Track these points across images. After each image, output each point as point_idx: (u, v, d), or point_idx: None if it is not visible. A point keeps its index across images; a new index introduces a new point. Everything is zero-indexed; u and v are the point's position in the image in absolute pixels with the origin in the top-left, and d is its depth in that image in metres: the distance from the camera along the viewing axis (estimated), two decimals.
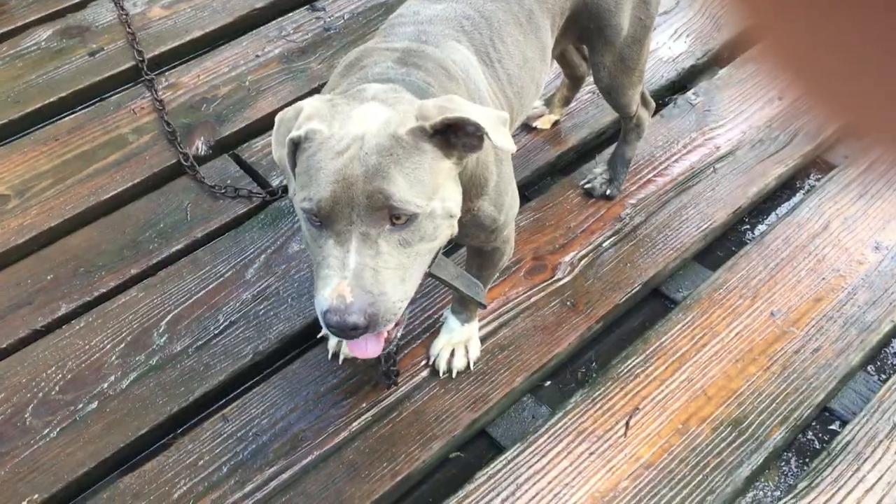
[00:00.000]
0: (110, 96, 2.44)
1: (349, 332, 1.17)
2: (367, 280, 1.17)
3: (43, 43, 2.59)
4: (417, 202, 1.18)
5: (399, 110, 1.21)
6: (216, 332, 1.88)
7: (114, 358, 1.83)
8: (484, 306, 1.64)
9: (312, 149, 1.20)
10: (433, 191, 1.21)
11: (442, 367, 1.78)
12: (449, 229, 1.27)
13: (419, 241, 1.21)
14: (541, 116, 2.30)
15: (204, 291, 1.95)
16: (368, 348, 1.28)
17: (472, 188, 1.37)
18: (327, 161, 1.18)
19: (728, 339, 1.85)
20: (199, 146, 2.28)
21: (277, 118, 1.30)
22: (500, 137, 1.22)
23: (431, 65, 1.38)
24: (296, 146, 1.23)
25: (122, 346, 1.85)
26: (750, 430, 1.71)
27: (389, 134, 1.18)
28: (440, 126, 1.19)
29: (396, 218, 1.18)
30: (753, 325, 1.88)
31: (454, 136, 1.22)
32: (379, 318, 1.19)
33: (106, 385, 1.78)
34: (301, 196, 1.20)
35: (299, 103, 1.26)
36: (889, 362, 1.88)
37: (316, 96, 1.28)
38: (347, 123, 1.20)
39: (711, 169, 2.21)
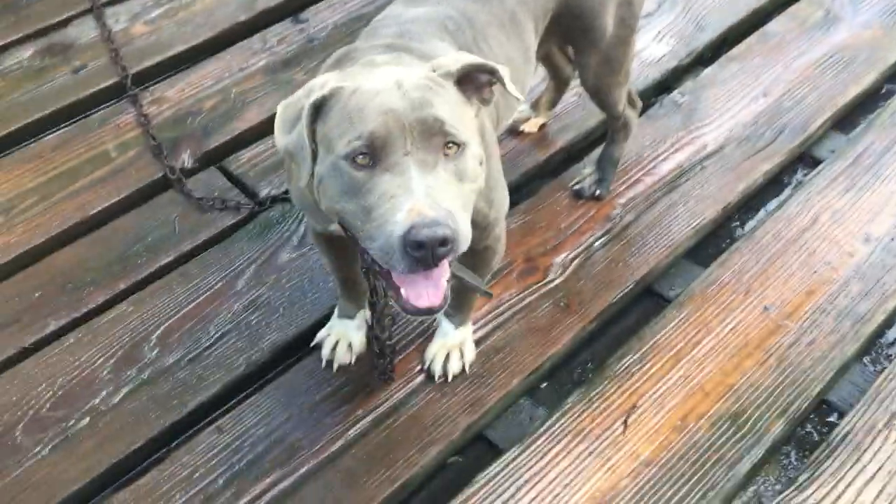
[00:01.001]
0: (94, 113, 2.42)
1: (438, 248, 1.11)
2: (440, 198, 1.14)
3: (25, 61, 2.57)
4: (465, 130, 1.21)
5: (416, 67, 1.26)
6: (208, 343, 1.86)
7: (105, 373, 1.81)
8: (490, 295, 1.62)
9: (342, 101, 1.20)
10: (469, 128, 1.24)
11: (437, 371, 1.77)
12: (480, 178, 1.26)
13: (467, 178, 1.21)
14: (528, 120, 2.30)
15: (194, 304, 1.93)
16: (430, 296, 1.22)
17: None
18: (367, 101, 1.18)
19: (723, 334, 1.85)
20: (186, 159, 2.27)
21: (281, 106, 1.28)
22: (513, 86, 1.28)
23: (418, 54, 1.39)
24: (317, 111, 1.22)
25: (114, 360, 1.83)
26: (749, 424, 1.70)
27: (422, 75, 1.22)
28: (460, 73, 1.26)
29: (448, 147, 1.18)
30: (747, 319, 1.88)
31: (469, 86, 1.28)
32: (460, 235, 1.15)
33: (98, 400, 1.76)
34: (343, 142, 1.17)
35: (306, 84, 1.26)
36: (884, 352, 1.88)
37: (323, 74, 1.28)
38: (372, 78, 1.22)
39: (699, 166, 2.22)
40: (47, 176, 2.23)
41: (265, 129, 2.36)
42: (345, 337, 1.81)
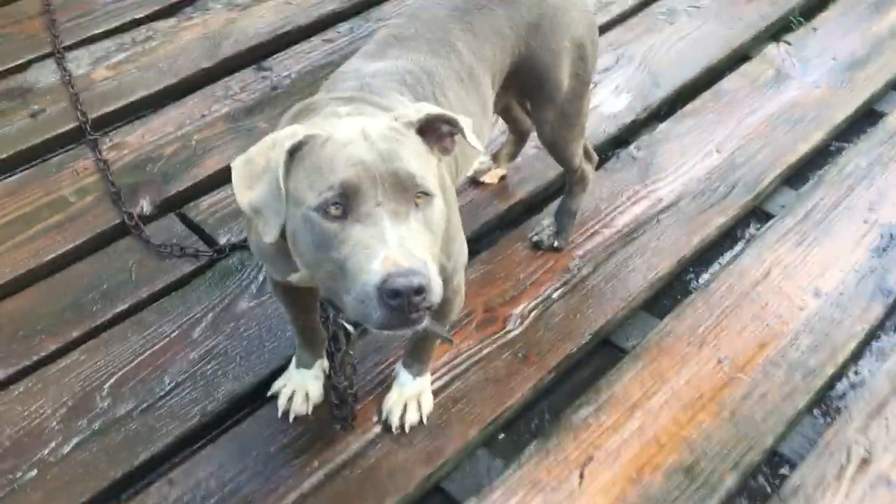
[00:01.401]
0: (52, 157, 2.40)
1: (414, 297, 1.12)
2: (413, 247, 1.16)
3: None
4: (432, 180, 1.24)
5: (379, 117, 1.29)
6: (162, 393, 1.83)
7: (55, 423, 1.77)
8: (450, 341, 1.63)
9: (315, 150, 1.21)
10: (434, 177, 1.27)
11: (395, 422, 1.76)
12: (443, 231, 1.29)
13: (434, 226, 1.23)
14: (488, 171, 2.33)
15: (149, 352, 1.91)
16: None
17: None
18: (337, 151, 1.20)
19: (678, 386, 1.87)
20: (145, 206, 2.25)
21: (239, 161, 1.25)
22: (473, 137, 1.32)
23: (378, 106, 1.41)
24: (290, 157, 1.21)
25: (64, 410, 1.79)
26: (702, 476, 1.72)
27: (386, 125, 1.25)
28: (422, 123, 1.28)
29: (418, 197, 1.21)
30: (702, 371, 1.90)
31: (430, 136, 1.31)
32: (434, 285, 1.16)
33: (46, 451, 1.72)
34: (314, 194, 1.18)
35: (266, 138, 1.26)
36: (833, 405, 1.91)
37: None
38: (339, 127, 1.24)
39: (655, 220, 2.26)
40: (1, 221, 2.20)
41: (225, 176, 2.34)
42: (302, 387, 1.79)
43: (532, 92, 1.87)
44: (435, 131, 1.32)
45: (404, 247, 1.15)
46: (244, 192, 1.23)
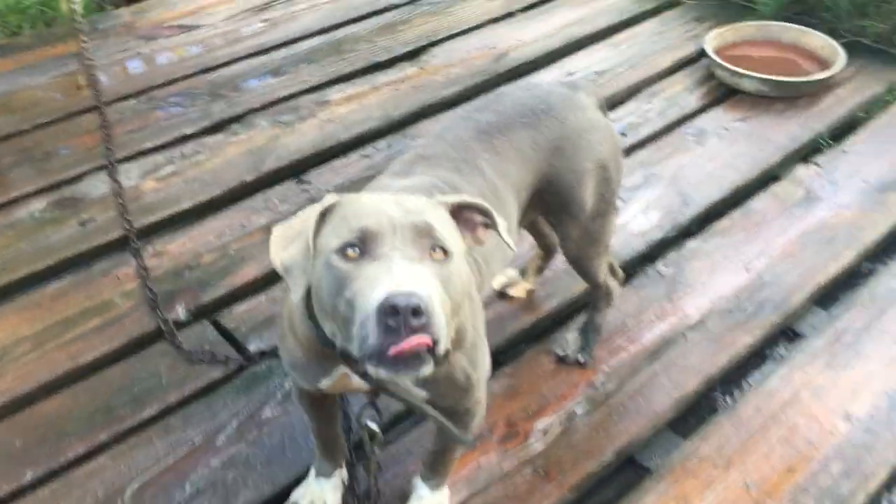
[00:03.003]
0: (96, 264, 2.51)
1: (410, 316, 1.11)
2: (418, 280, 1.15)
3: (37, 213, 2.69)
4: (453, 241, 1.27)
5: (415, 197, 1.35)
6: (182, 500, 1.84)
7: None
8: (470, 443, 1.61)
9: (344, 207, 1.28)
10: (458, 246, 1.29)
11: None
12: (461, 306, 1.30)
13: (451, 286, 1.23)
14: (515, 284, 2.36)
15: (172, 458, 1.93)
16: (414, 340, 1.15)
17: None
18: (364, 203, 1.27)
19: None
20: (180, 311, 2.32)
21: (277, 228, 1.33)
22: (506, 233, 1.36)
23: None
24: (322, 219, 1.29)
25: None
26: None
27: (418, 199, 1.31)
28: (456, 206, 1.34)
29: (434, 250, 1.23)
30: (727, 495, 1.86)
31: (462, 223, 1.35)
32: (435, 317, 1.14)
33: None
34: (337, 238, 1.23)
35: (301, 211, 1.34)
36: None
37: None
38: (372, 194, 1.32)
39: (682, 337, 2.25)
40: (44, 324, 2.28)
41: (260, 284, 2.44)
42: (320, 497, 1.79)
43: (556, 210, 1.91)
44: (468, 220, 1.37)
45: (410, 276, 1.15)
46: (278, 253, 1.29)
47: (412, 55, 3.62)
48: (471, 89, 3.34)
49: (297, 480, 1.86)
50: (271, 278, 2.45)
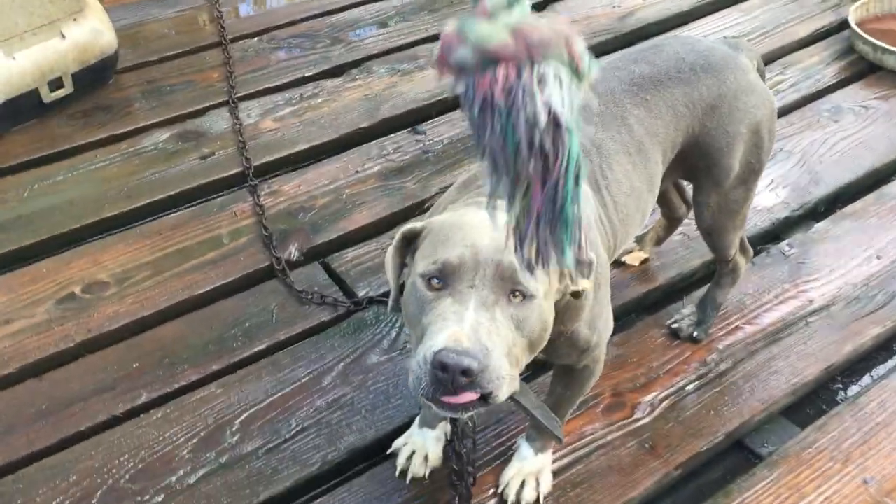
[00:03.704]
0: (215, 198, 2.56)
1: (458, 376, 1.15)
2: (483, 334, 1.19)
3: (160, 144, 2.75)
4: (537, 286, 1.24)
5: None
6: (287, 436, 1.87)
7: (185, 452, 1.84)
8: (560, 441, 1.60)
9: (437, 229, 1.31)
10: (542, 286, 1.26)
11: (511, 497, 1.73)
12: (541, 340, 1.30)
13: (525, 329, 1.24)
14: (631, 253, 2.30)
15: (280, 394, 1.96)
16: (462, 398, 1.21)
17: (568, 312, 1.39)
18: (456, 230, 1.27)
19: (817, 503, 1.75)
20: (293, 252, 2.35)
21: (401, 231, 1.39)
22: (586, 281, 1.32)
23: None
24: (408, 241, 1.35)
25: (195, 440, 1.86)
26: None
27: None
28: None
29: (514, 295, 1.23)
30: (844, 490, 1.77)
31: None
32: (488, 374, 1.18)
33: (174, 479, 1.78)
34: (425, 262, 1.27)
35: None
36: None
37: None
38: (472, 211, 1.33)
39: (804, 322, 2.15)
40: (163, 252, 2.34)
41: (371, 231, 2.44)
42: (422, 448, 1.79)
43: (699, 174, 1.83)
44: None
45: (475, 329, 1.18)
46: (386, 265, 1.38)
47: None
48: (594, 48, 3.22)
49: (401, 429, 1.87)
50: (382, 226, 2.45)
